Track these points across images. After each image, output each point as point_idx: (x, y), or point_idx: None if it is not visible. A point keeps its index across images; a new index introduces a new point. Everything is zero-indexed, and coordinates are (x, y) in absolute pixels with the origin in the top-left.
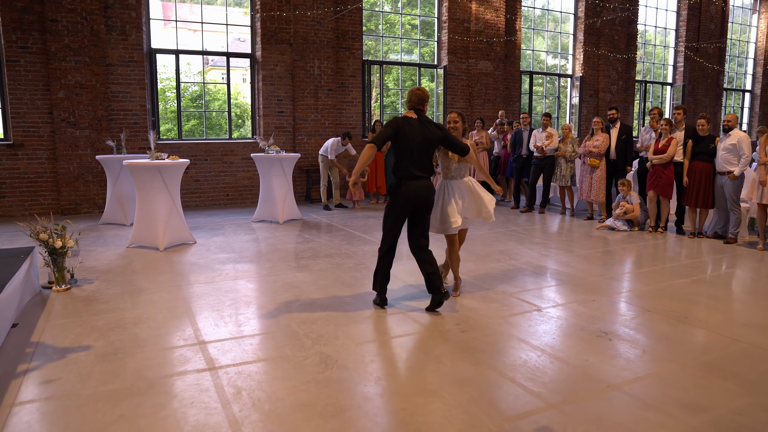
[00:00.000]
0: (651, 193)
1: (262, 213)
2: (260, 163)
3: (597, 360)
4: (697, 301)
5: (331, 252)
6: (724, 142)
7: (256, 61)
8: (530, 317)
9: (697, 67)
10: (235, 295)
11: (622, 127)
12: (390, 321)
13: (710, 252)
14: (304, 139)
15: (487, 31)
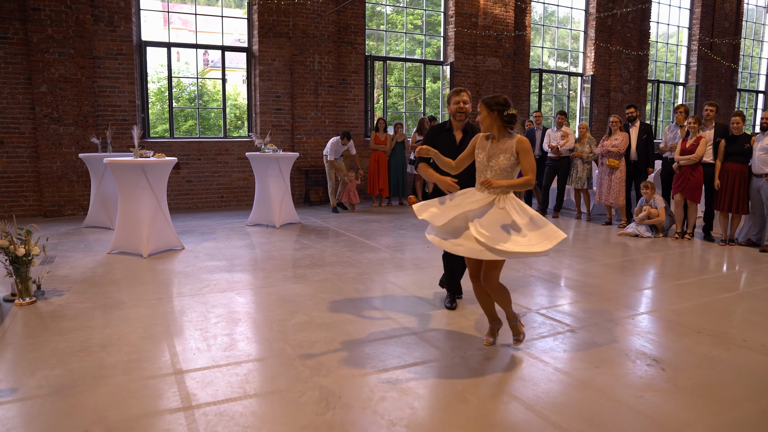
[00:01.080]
0: (678, 197)
1: (257, 216)
2: (256, 163)
3: (654, 397)
4: (751, 321)
5: (331, 260)
6: (761, 141)
7: (253, 55)
8: (563, 340)
9: (710, 67)
10: (224, 310)
11: (642, 127)
12: (401, 344)
13: (747, 262)
14: (303, 138)
15: (495, 27)
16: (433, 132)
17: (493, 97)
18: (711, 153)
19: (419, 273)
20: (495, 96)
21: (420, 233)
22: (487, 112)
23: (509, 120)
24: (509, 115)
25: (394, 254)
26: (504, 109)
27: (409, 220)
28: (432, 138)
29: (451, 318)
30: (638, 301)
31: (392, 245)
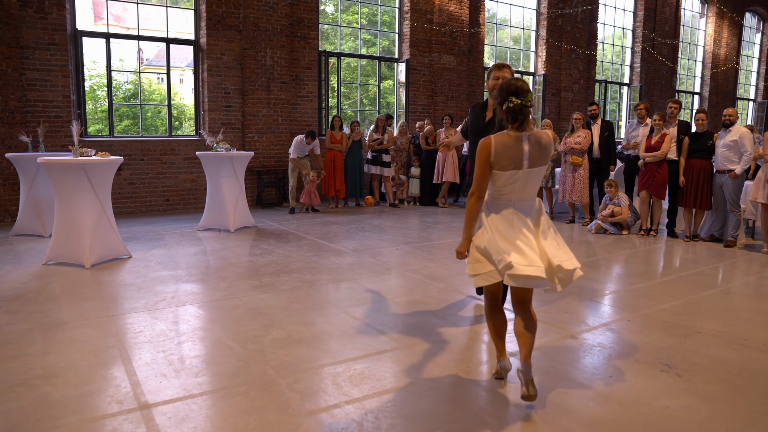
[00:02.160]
0: (644, 194)
1: (209, 220)
2: (207, 163)
3: (680, 408)
4: (743, 318)
5: (298, 266)
6: (724, 138)
7: (201, 48)
8: (569, 347)
9: (652, 68)
10: (187, 327)
11: (604, 124)
12: (395, 361)
13: (717, 257)
14: (254, 136)
15: (450, 24)
16: (473, 109)
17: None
18: (675, 150)
19: (395, 278)
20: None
21: (386, 235)
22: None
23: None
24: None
25: (362, 258)
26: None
27: (370, 221)
28: (470, 114)
29: (450, 334)
30: (627, 301)
31: (359, 248)
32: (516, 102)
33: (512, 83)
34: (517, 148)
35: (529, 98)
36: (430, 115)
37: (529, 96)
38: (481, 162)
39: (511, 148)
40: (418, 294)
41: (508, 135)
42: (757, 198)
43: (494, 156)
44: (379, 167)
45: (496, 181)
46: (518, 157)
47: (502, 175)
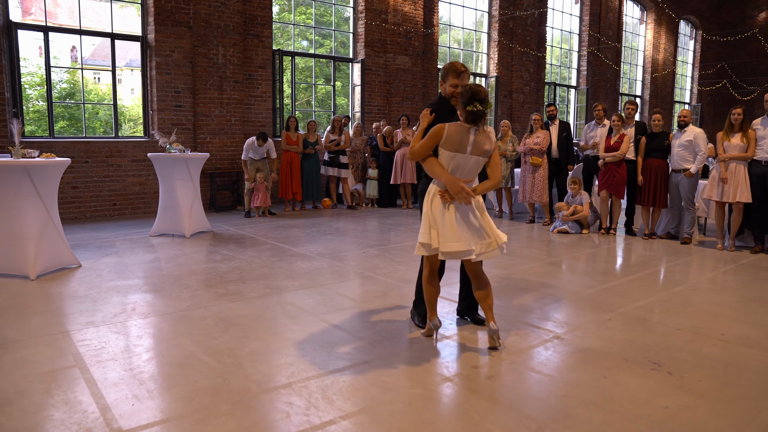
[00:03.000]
0: (604, 193)
1: (163, 225)
2: (160, 165)
3: (679, 407)
4: (715, 313)
5: (263, 272)
6: (679, 138)
7: (149, 45)
8: (556, 348)
9: (598, 71)
10: (153, 341)
11: (561, 124)
12: (385, 368)
13: (676, 254)
14: (207, 137)
15: (405, 24)
16: (441, 108)
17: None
18: (632, 150)
19: (367, 282)
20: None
21: (348, 238)
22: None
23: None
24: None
25: (330, 262)
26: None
27: (330, 224)
28: (441, 114)
29: (436, 338)
30: (603, 300)
31: (324, 252)
32: (479, 108)
33: (480, 91)
34: (465, 136)
35: (489, 107)
36: (385, 116)
37: (489, 105)
38: (431, 139)
39: (461, 135)
40: (393, 298)
41: (461, 125)
42: (712, 196)
43: (444, 138)
44: (336, 169)
45: (440, 158)
46: (464, 143)
47: (447, 154)
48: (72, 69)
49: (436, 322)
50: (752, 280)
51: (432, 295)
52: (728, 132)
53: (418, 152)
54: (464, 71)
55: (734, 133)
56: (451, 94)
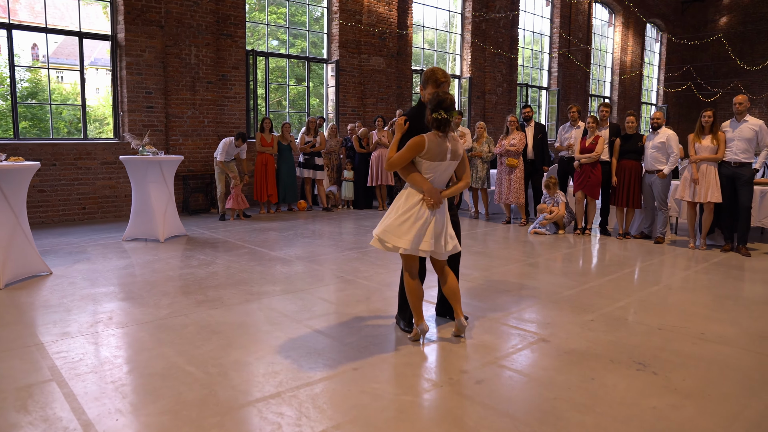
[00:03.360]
0: (579, 194)
1: (136, 230)
2: (133, 168)
3: (667, 407)
4: (692, 312)
5: (243, 277)
6: (652, 140)
7: (119, 44)
8: (542, 350)
9: (568, 73)
10: (133, 351)
11: (537, 126)
12: (376, 375)
13: (651, 253)
14: (179, 139)
15: (379, 25)
16: (419, 114)
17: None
18: (607, 151)
19: (349, 286)
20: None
21: (326, 241)
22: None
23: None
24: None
25: (310, 266)
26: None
27: (307, 227)
28: (417, 122)
29: (420, 343)
30: (584, 301)
31: (303, 256)
32: (444, 116)
33: (446, 99)
34: (442, 145)
35: (454, 115)
36: (360, 117)
37: (454, 114)
38: (411, 151)
39: (439, 144)
40: (376, 302)
41: (436, 134)
42: (684, 196)
43: (426, 149)
44: (311, 170)
45: (420, 167)
46: (444, 151)
47: (428, 164)
48: (35, 68)
49: (424, 326)
50: (724, 278)
51: (417, 299)
52: (699, 134)
53: (396, 163)
54: (444, 81)
55: (705, 135)
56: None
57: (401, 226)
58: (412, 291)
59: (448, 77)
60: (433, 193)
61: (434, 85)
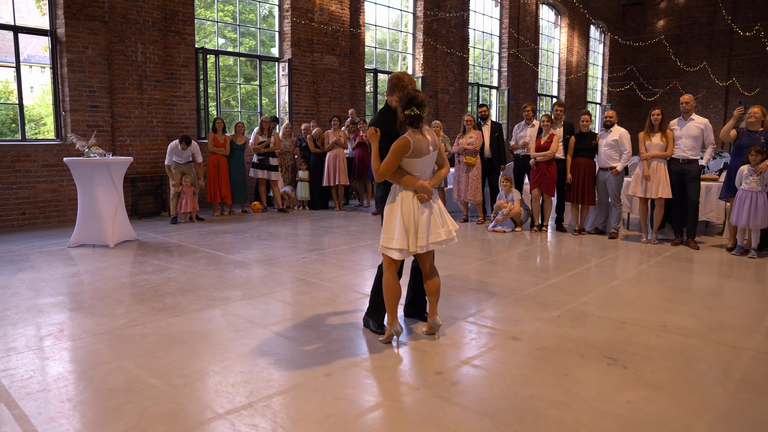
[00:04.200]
0: (536, 192)
1: (83, 235)
2: (78, 171)
3: (640, 400)
4: (652, 305)
5: (201, 282)
6: (605, 138)
7: (59, 40)
8: (513, 348)
9: (517, 72)
10: (89, 365)
11: (493, 125)
12: (352, 381)
13: (606, 249)
14: (126, 140)
15: (332, 23)
16: (388, 119)
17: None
18: (561, 149)
19: (313, 289)
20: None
21: (285, 243)
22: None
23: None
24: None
25: (270, 269)
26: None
27: (264, 229)
28: (387, 127)
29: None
30: (549, 297)
31: (262, 259)
32: (416, 112)
33: (417, 96)
34: (423, 140)
35: (426, 111)
36: (313, 116)
37: (426, 110)
38: (398, 155)
39: (420, 140)
40: (342, 304)
41: (414, 132)
42: (636, 192)
43: (412, 149)
44: (266, 171)
45: (409, 166)
46: (425, 145)
47: (415, 161)
48: None
49: (398, 328)
50: (678, 271)
51: (395, 299)
52: (649, 132)
53: (386, 171)
54: (411, 86)
55: (654, 133)
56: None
57: (410, 228)
58: (392, 290)
59: (414, 81)
60: (424, 188)
61: (401, 91)
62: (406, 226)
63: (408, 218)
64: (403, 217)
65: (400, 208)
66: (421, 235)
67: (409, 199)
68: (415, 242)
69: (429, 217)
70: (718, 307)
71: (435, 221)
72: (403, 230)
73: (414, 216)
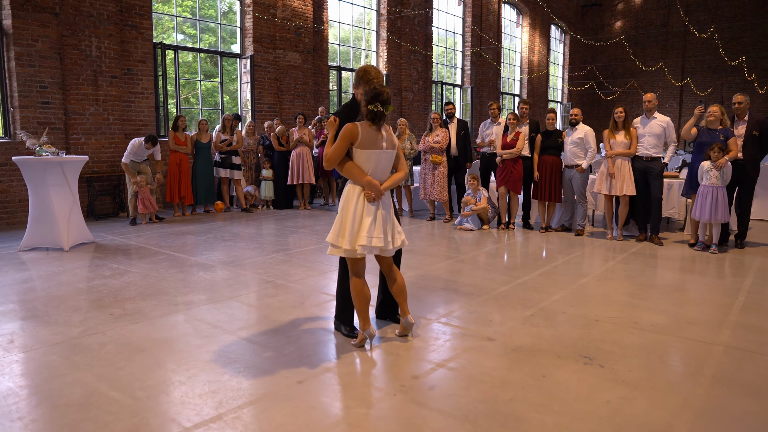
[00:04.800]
0: (502, 189)
1: (35, 238)
2: (29, 170)
3: (616, 398)
4: (622, 302)
5: (164, 286)
6: (571, 136)
7: (5, 32)
8: (488, 349)
9: (480, 71)
10: (43, 379)
11: (459, 123)
12: (327, 388)
13: (574, 246)
14: (81, 138)
15: (294, 20)
16: (351, 111)
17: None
18: (527, 147)
19: (281, 292)
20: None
21: (249, 244)
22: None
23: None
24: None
25: (235, 271)
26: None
27: (227, 229)
28: (348, 118)
29: (366, 349)
30: (519, 296)
31: (227, 261)
32: (379, 109)
33: (383, 92)
34: (376, 134)
35: (390, 108)
36: (276, 114)
37: (390, 107)
38: (344, 140)
39: (371, 133)
40: (311, 307)
41: (369, 125)
42: (601, 190)
43: (360, 137)
44: (228, 170)
45: (359, 159)
46: (378, 140)
47: (362, 153)
48: None
49: (371, 331)
50: (644, 267)
51: (364, 302)
52: (613, 130)
53: (333, 157)
54: (376, 79)
55: (618, 131)
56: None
57: (352, 226)
58: (360, 293)
59: (381, 75)
60: (372, 186)
61: (367, 84)
62: (343, 221)
63: (349, 213)
64: (347, 211)
65: (345, 201)
66: (362, 234)
67: (356, 194)
68: (353, 241)
69: (373, 219)
70: (685, 303)
71: (378, 226)
72: (342, 225)
73: (358, 212)
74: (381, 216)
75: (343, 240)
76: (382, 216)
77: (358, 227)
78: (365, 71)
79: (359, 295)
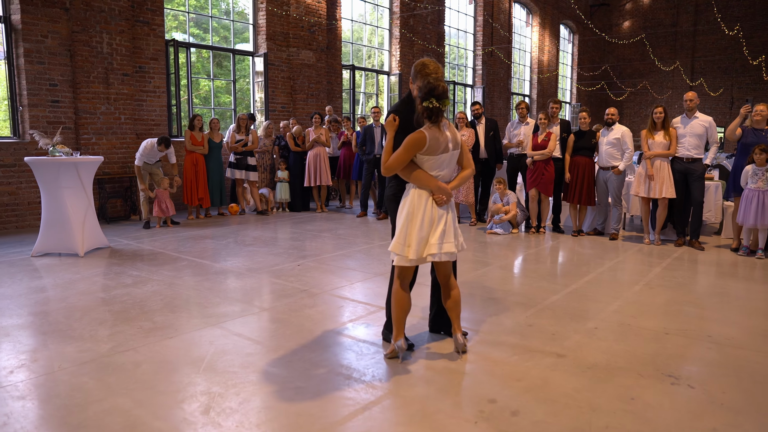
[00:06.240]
0: (533, 192)
1: (48, 243)
2: (42, 172)
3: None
4: (687, 313)
5: (191, 296)
6: (607, 136)
7: (14, 28)
8: (562, 367)
9: (492, 71)
10: (78, 406)
11: (488, 123)
12: (403, 409)
13: (611, 251)
14: (92, 138)
15: (308, 17)
16: (409, 108)
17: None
18: (559, 148)
19: (320, 303)
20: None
21: (274, 249)
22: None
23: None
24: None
25: (266, 279)
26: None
27: (247, 233)
28: (407, 116)
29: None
30: (575, 306)
31: (253, 267)
32: (435, 105)
33: (438, 87)
34: (442, 136)
35: (447, 103)
36: (290, 113)
37: (446, 102)
38: (409, 150)
39: (438, 137)
40: (353, 318)
41: (431, 126)
42: (639, 192)
43: (428, 146)
44: (243, 171)
45: (424, 165)
46: (444, 142)
47: (431, 159)
48: None
49: (402, 344)
50: (693, 274)
51: (403, 312)
52: (651, 130)
53: (394, 166)
54: (435, 73)
55: (657, 131)
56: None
57: (419, 234)
58: (400, 303)
59: (440, 69)
60: (442, 190)
61: (423, 79)
62: (409, 229)
63: (417, 220)
64: (413, 219)
65: (412, 208)
66: (432, 242)
67: (423, 200)
68: (421, 249)
69: (444, 224)
70: (753, 313)
71: (449, 230)
72: (409, 233)
73: (427, 218)
74: (450, 220)
75: (410, 249)
76: (451, 220)
77: (427, 235)
78: (424, 65)
79: (399, 303)
